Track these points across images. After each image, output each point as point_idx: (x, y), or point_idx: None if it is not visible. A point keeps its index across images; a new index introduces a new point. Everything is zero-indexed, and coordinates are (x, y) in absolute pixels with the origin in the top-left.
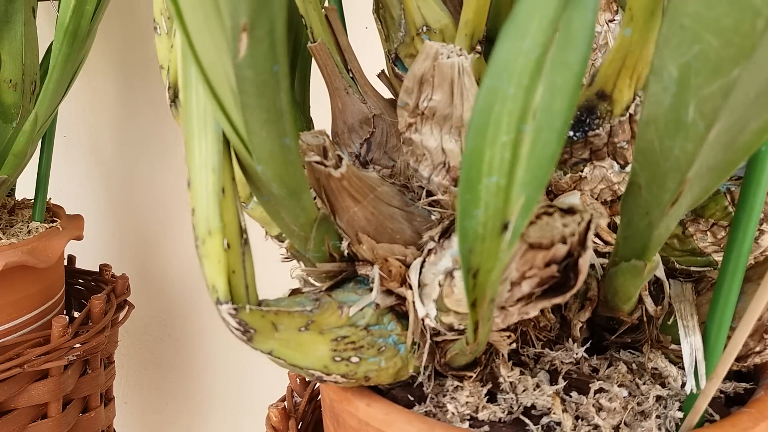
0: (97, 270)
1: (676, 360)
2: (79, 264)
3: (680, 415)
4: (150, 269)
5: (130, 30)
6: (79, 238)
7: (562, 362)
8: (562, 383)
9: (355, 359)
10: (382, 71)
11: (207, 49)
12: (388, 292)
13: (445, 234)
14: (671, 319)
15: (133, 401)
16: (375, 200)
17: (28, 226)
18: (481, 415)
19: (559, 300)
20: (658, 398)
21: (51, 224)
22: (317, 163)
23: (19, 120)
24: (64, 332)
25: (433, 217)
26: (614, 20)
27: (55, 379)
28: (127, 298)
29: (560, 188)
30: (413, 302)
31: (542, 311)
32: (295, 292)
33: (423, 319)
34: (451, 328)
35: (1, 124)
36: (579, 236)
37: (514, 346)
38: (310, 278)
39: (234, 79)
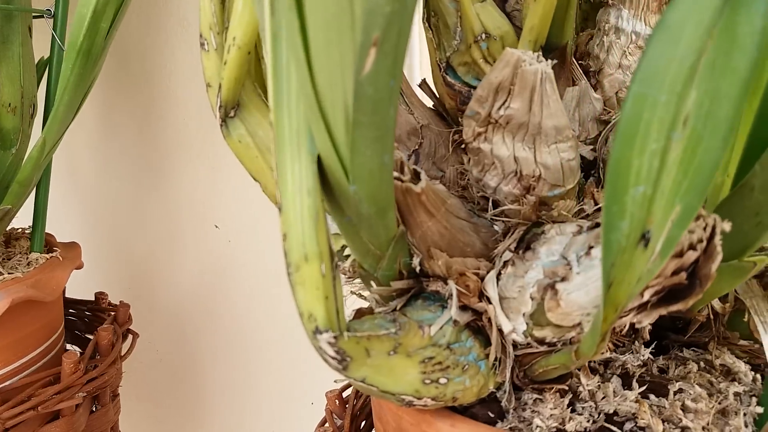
0: (92, 299)
1: (742, 355)
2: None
3: (760, 410)
4: (139, 294)
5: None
6: (80, 266)
7: (632, 365)
8: (637, 387)
9: (443, 380)
10: (423, 81)
11: (330, 66)
12: (464, 308)
13: (522, 244)
14: (746, 316)
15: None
16: (446, 213)
17: (27, 258)
18: (569, 427)
19: (680, 306)
20: (735, 395)
21: (50, 255)
22: (395, 178)
23: (18, 146)
24: (76, 368)
25: (496, 228)
26: None
27: (68, 419)
28: (130, 327)
29: None
30: (495, 317)
31: None
32: (360, 313)
33: (506, 334)
34: (542, 342)
35: (0, 151)
36: (706, 242)
37: (607, 355)
38: (367, 295)
39: (351, 96)
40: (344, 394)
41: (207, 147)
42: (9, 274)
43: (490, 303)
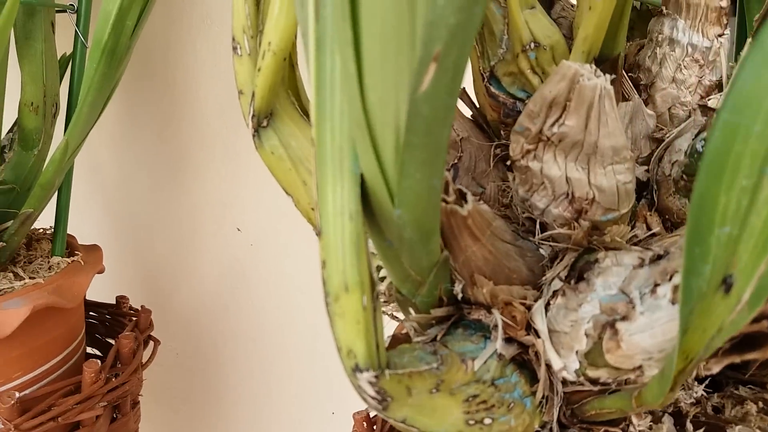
0: (113, 302)
1: None
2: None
3: None
4: (159, 296)
5: None
6: (101, 271)
7: (685, 403)
8: (691, 429)
9: (487, 420)
10: (463, 90)
11: (384, 82)
12: (509, 340)
13: (573, 272)
14: None
15: None
16: (492, 237)
17: (48, 262)
18: None
19: (756, 355)
20: None
21: (72, 259)
22: None
23: (41, 146)
24: (97, 378)
25: (542, 251)
26: (724, 34)
27: (88, 430)
28: (151, 333)
29: (682, 216)
30: (543, 352)
31: None
32: (396, 340)
33: (556, 371)
34: (595, 382)
35: (22, 151)
36: None
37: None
38: (405, 323)
39: (405, 115)
40: (372, 414)
41: (230, 147)
42: (30, 279)
43: (539, 336)
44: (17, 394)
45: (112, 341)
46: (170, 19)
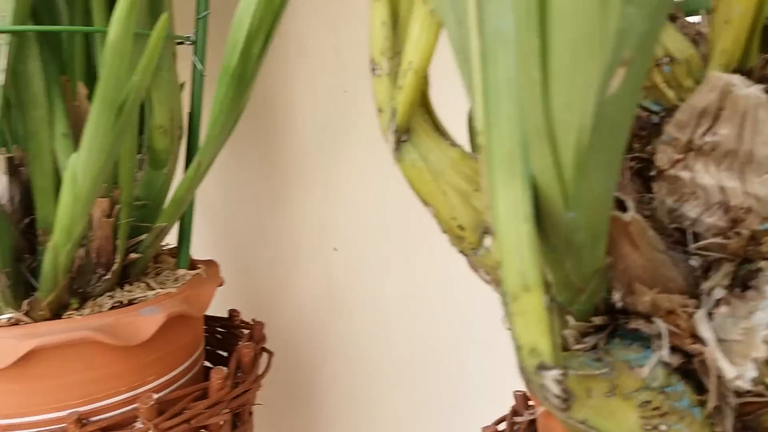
0: (226, 315)
1: None
2: None
3: None
4: (259, 313)
5: None
6: (221, 284)
7: None
8: None
9: (663, 427)
10: None
11: (571, 87)
12: (673, 349)
13: (736, 281)
14: None
15: None
16: (649, 246)
17: (174, 274)
18: None
19: None
20: None
21: (195, 271)
22: None
23: (169, 166)
24: (223, 385)
25: (692, 262)
26: None
27: None
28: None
29: None
30: (713, 360)
31: None
32: None
33: (729, 380)
34: None
35: (152, 171)
36: None
37: None
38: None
39: (590, 118)
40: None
41: (326, 172)
42: (161, 289)
43: (705, 345)
44: (155, 396)
45: (224, 353)
46: (269, 51)
